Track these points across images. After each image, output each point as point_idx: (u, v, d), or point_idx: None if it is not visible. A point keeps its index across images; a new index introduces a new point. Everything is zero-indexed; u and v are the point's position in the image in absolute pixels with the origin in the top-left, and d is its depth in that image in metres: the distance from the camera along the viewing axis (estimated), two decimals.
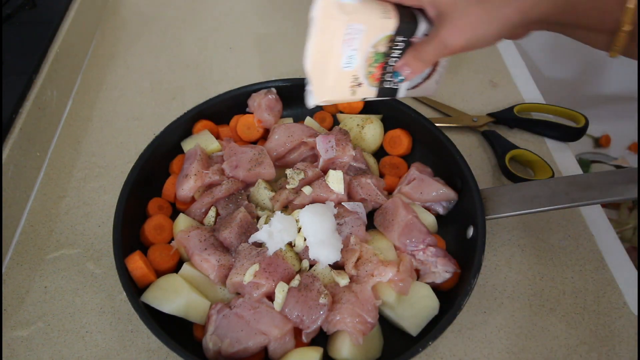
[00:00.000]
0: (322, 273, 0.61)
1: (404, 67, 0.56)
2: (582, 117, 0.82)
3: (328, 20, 0.51)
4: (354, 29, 0.52)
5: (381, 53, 0.55)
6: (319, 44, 0.53)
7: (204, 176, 0.68)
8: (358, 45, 0.53)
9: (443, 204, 0.69)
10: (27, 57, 0.82)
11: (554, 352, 0.61)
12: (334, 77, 0.56)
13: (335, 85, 0.57)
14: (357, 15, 0.51)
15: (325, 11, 0.51)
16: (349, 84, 0.57)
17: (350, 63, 0.55)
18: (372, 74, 0.57)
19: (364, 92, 0.59)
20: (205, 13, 1.10)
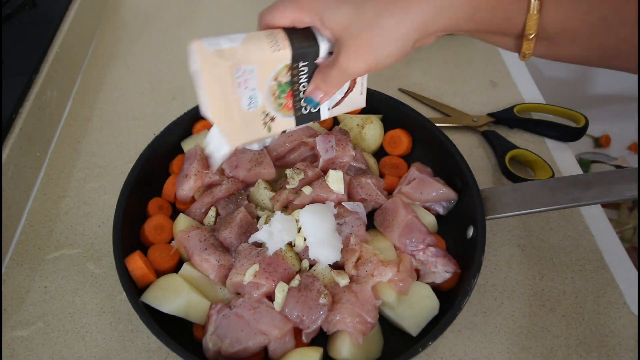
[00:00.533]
0: (322, 273, 0.61)
1: (314, 92, 0.52)
2: (582, 117, 0.82)
3: (211, 69, 0.46)
4: (243, 71, 0.47)
5: (286, 82, 0.51)
6: (212, 94, 0.48)
7: (204, 176, 0.68)
8: (255, 84, 0.49)
9: (443, 204, 0.69)
10: (27, 57, 0.82)
11: (554, 352, 0.61)
12: (240, 121, 0.51)
13: (245, 128, 0.52)
14: (242, 57, 0.47)
15: (205, 61, 0.46)
16: (261, 121, 0.52)
17: (253, 102, 0.50)
18: (283, 104, 0.53)
19: (281, 124, 0.54)
20: (205, 13, 1.10)
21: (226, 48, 0.46)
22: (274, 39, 0.48)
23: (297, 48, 0.49)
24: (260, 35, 0.48)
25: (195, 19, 1.09)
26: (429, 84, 0.93)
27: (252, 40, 0.48)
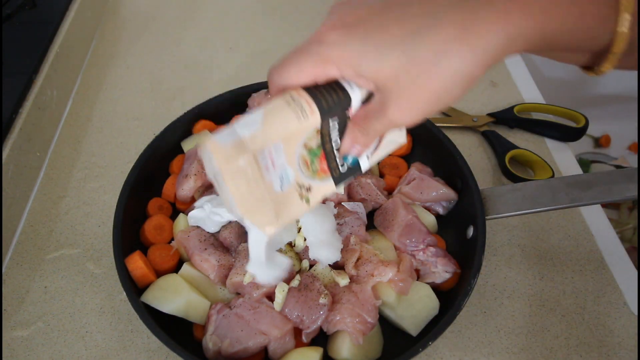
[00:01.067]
0: (322, 273, 0.61)
1: (353, 147, 0.45)
2: (582, 117, 0.82)
3: (232, 165, 0.40)
4: (268, 152, 0.41)
5: (317, 146, 0.44)
6: (238, 191, 0.41)
7: (204, 176, 0.68)
8: (284, 160, 0.42)
9: (443, 204, 0.69)
10: (27, 57, 0.82)
11: (554, 352, 0.61)
12: (274, 206, 0.43)
13: (281, 211, 0.44)
14: (265, 140, 0.40)
15: (224, 158, 0.39)
16: (297, 196, 0.45)
17: (285, 180, 0.43)
18: (318, 169, 0.45)
19: (319, 192, 0.46)
20: (205, 13, 1.10)
21: (246, 137, 0.40)
22: (297, 105, 0.41)
23: (327, 109, 0.41)
24: (280, 106, 0.41)
25: (195, 19, 1.09)
26: None
27: (272, 115, 0.41)
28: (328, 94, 0.41)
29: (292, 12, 1.10)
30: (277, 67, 0.41)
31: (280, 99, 0.41)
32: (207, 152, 0.40)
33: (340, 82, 0.41)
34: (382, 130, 0.43)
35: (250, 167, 0.40)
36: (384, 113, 0.40)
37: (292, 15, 1.09)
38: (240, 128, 0.40)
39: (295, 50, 0.41)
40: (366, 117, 0.42)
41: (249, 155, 0.40)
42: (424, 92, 0.38)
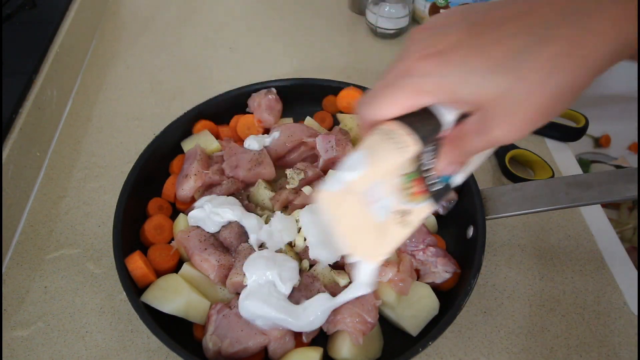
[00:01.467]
0: (322, 273, 0.61)
1: (449, 167, 0.45)
2: (582, 117, 0.82)
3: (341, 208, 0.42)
4: (371, 190, 0.42)
5: (412, 172, 0.45)
6: (346, 229, 0.44)
7: (204, 176, 0.68)
8: (384, 192, 0.44)
9: (443, 204, 0.69)
10: (27, 57, 0.82)
11: (554, 352, 0.61)
12: (377, 235, 0.45)
13: (383, 239, 0.46)
14: (369, 179, 0.42)
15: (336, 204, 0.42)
16: (397, 223, 0.46)
17: (385, 210, 0.45)
18: (413, 193, 0.46)
19: (417, 214, 0.47)
20: (205, 13, 1.10)
21: (352, 181, 0.41)
22: (395, 139, 0.41)
23: (424, 138, 0.41)
24: (381, 143, 0.41)
25: (195, 19, 1.09)
26: None
27: (376, 154, 0.41)
28: (421, 122, 0.41)
29: (292, 12, 1.10)
30: (368, 103, 0.41)
31: (378, 136, 0.42)
32: (321, 204, 0.42)
33: (429, 108, 0.41)
34: (483, 148, 0.42)
35: (356, 206, 0.42)
36: (487, 132, 0.39)
37: (292, 15, 1.09)
38: (348, 173, 0.42)
39: (384, 85, 0.41)
40: (464, 137, 0.41)
41: (355, 198, 0.42)
42: (531, 110, 0.37)
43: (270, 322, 0.55)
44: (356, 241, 0.45)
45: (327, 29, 1.05)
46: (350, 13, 1.10)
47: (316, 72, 0.95)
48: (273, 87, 0.79)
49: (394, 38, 1.03)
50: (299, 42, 1.02)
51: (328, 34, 1.04)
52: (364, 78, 0.94)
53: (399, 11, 0.98)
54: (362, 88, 0.78)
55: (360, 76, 0.95)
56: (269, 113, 0.76)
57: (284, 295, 0.57)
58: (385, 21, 0.99)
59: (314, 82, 0.80)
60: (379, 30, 1.01)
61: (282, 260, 0.58)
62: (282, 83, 0.79)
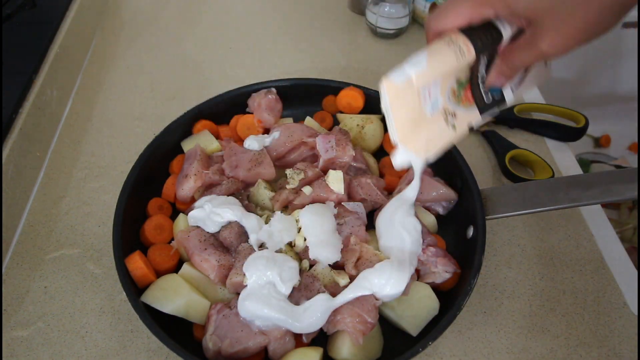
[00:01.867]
0: (322, 273, 0.61)
1: (498, 79, 0.50)
2: (582, 117, 0.82)
3: (400, 99, 0.48)
4: (428, 87, 0.49)
5: (465, 79, 0.51)
6: (400, 120, 0.50)
7: (204, 176, 0.68)
8: (438, 92, 0.50)
9: (443, 204, 0.69)
10: (27, 57, 0.82)
11: (554, 352, 0.61)
12: (426, 131, 0.52)
13: (431, 135, 0.53)
14: (429, 77, 0.48)
15: (395, 94, 0.48)
16: (443, 122, 0.52)
17: (435, 107, 0.51)
18: (463, 98, 0.52)
19: (464, 119, 0.53)
20: (205, 13, 1.10)
21: (414, 75, 0.47)
22: (455, 46, 0.47)
23: (481, 47, 0.47)
24: (441, 47, 0.47)
25: (195, 19, 1.09)
26: None
27: (436, 56, 0.47)
28: (482, 34, 0.47)
29: (292, 12, 1.10)
30: (434, 16, 0.48)
31: (440, 42, 0.47)
32: (383, 88, 0.48)
33: (492, 21, 0.47)
34: (529, 62, 0.47)
35: (413, 99, 0.49)
36: (535, 45, 0.44)
37: (292, 15, 1.09)
38: (409, 68, 0.47)
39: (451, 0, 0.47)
40: (514, 50, 0.46)
41: (414, 90, 0.48)
42: (579, 23, 0.41)
43: (270, 322, 0.55)
44: (407, 133, 0.51)
45: (327, 29, 1.05)
46: (350, 13, 1.10)
47: (316, 72, 0.95)
48: (273, 87, 0.79)
49: (394, 38, 1.03)
50: (299, 42, 1.02)
51: (328, 34, 1.04)
52: (364, 78, 0.94)
53: (399, 11, 0.98)
54: (362, 88, 0.78)
55: (360, 76, 0.95)
56: (269, 113, 0.76)
57: (284, 295, 0.57)
58: (385, 21, 0.99)
59: (314, 82, 0.80)
60: (379, 30, 1.01)
61: (282, 260, 0.58)
62: (282, 83, 0.79)
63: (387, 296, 0.57)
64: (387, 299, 0.58)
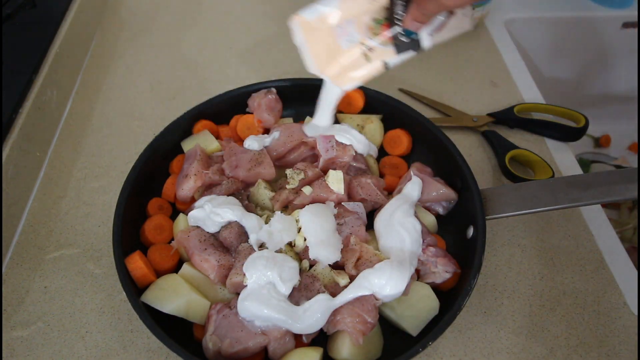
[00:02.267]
0: (322, 273, 0.61)
1: (412, 23, 0.54)
2: (582, 117, 0.82)
3: (314, 34, 0.52)
4: (342, 25, 0.52)
5: (382, 18, 0.54)
6: (316, 53, 0.54)
7: (204, 176, 0.68)
8: (354, 29, 0.54)
9: (443, 204, 0.69)
10: (27, 57, 0.82)
11: (554, 352, 0.61)
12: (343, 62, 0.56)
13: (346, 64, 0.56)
14: (341, 16, 0.52)
15: (308, 30, 0.52)
16: (359, 53, 0.56)
17: (352, 40, 0.54)
18: (380, 34, 0.56)
19: (380, 54, 0.57)
20: (206, 13, 1.10)
21: (326, 13, 0.51)
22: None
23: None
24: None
25: (195, 19, 1.09)
26: (429, 84, 0.93)
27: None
28: None
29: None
30: None
31: None
32: (294, 26, 0.52)
33: None
34: (435, 11, 0.51)
35: (327, 36, 0.52)
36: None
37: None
38: (321, 6, 0.51)
39: None
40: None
41: (327, 27, 0.52)
42: None
43: (270, 322, 0.55)
44: (325, 63, 0.55)
45: None
46: None
47: None
48: (273, 87, 0.79)
49: None
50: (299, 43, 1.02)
51: None
52: None
53: None
54: (362, 88, 0.78)
55: None
56: (269, 113, 0.76)
57: (284, 295, 0.57)
58: None
59: (314, 82, 0.80)
60: None
61: (282, 260, 0.58)
62: (282, 83, 0.79)
63: (387, 296, 0.57)
64: (387, 299, 0.58)
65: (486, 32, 1.05)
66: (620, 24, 1.18)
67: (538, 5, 1.15)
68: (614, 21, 1.18)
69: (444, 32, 0.58)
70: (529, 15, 1.13)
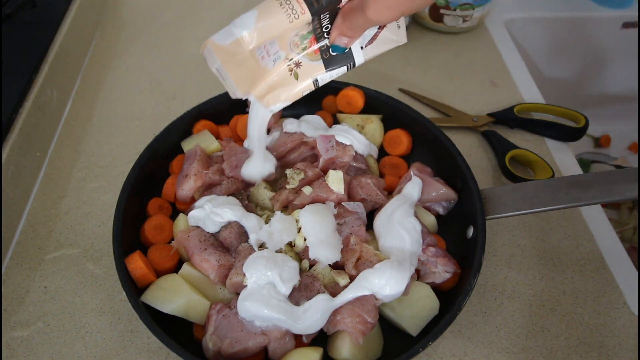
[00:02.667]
0: (322, 273, 0.61)
1: (339, 38, 0.49)
2: (582, 117, 0.82)
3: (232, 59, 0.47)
4: (264, 47, 0.47)
5: (307, 32, 0.49)
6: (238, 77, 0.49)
7: (204, 176, 0.68)
8: (277, 48, 0.49)
9: (443, 204, 0.69)
10: (27, 57, 0.82)
11: (554, 352, 0.61)
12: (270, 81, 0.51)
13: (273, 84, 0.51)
14: (260, 38, 0.46)
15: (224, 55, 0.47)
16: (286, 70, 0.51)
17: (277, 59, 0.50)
18: (307, 48, 0.50)
19: (309, 70, 0.51)
20: (206, 13, 1.10)
21: (242, 36, 0.45)
22: (288, 6, 0.45)
23: (317, 8, 0.46)
24: (272, 7, 0.46)
25: (195, 19, 1.09)
26: (429, 84, 0.93)
27: (265, 17, 0.46)
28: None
29: None
30: None
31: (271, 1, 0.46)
32: (208, 51, 0.46)
33: None
34: (363, 26, 0.47)
35: (248, 59, 0.47)
36: (363, 12, 0.45)
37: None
38: (235, 28, 0.46)
39: None
40: (351, 11, 0.47)
41: (246, 51, 0.46)
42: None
43: (270, 323, 0.55)
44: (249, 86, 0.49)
45: None
46: None
47: None
48: None
49: None
50: None
51: None
52: (364, 78, 0.94)
53: None
54: (361, 88, 0.78)
55: (359, 76, 0.95)
56: None
57: (284, 295, 0.57)
58: None
59: None
60: None
61: (282, 260, 0.58)
62: None
63: (387, 296, 0.57)
64: (387, 299, 0.58)
65: (486, 32, 1.05)
66: (620, 24, 1.18)
67: (538, 5, 1.15)
68: (614, 21, 1.18)
69: (377, 46, 0.53)
70: (528, 15, 1.13)
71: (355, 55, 0.52)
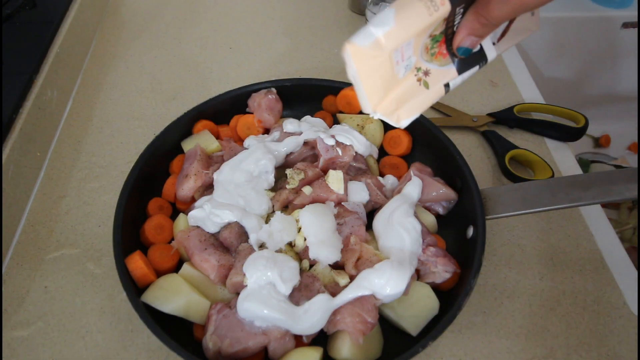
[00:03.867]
0: (322, 273, 0.61)
1: (468, 38, 0.45)
2: (582, 117, 0.82)
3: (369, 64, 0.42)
4: (401, 49, 0.43)
5: (439, 33, 0.45)
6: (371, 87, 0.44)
7: (204, 176, 0.68)
8: (411, 52, 0.44)
9: (443, 204, 0.69)
10: (27, 57, 0.82)
11: (554, 352, 0.61)
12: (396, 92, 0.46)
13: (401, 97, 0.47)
14: (400, 37, 0.42)
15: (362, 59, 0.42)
16: (414, 80, 0.47)
17: (408, 68, 0.45)
18: (436, 53, 0.46)
19: (439, 77, 0.48)
20: (205, 13, 1.10)
21: (381, 35, 0.41)
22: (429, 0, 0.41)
23: None
24: (410, 1, 0.41)
25: (195, 19, 1.09)
26: None
27: (405, 12, 0.41)
28: None
29: (292, 12, 1.10)
30: None
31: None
32: (347, 56, 0.42)
33: None
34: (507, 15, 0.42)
35: (384, 63, 0.42)
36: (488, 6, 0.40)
37: (292, 15, 1.09)
38: (374, 28, 0.41)
39: None
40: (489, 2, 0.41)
41: (385, 53, 0.42)
42: None
43: (270, 323, 0.55)
44: (377, 98, 0.45)
45: (327, 29, 1.05)
46: (350, 13, 1.10)
47: (316, 72, 0.95)
48: (273, 87, 0.79)
49: None
50: (299, 42, 1.02)
51: (328, 34, 1.04)
52: None
53: None
54: None
55: None
56: (269, 113, 0.76)
57: (284, 296, 0.57)
58: None
59: (314, 82, 0.80)
60: None
61: (282, 260, 0.58)
62: (282, 83, 0.79)
63: (387, 296, 0.57)
64: (387, 299, 0.58)
65: None
66: (620, 24, 1.18)
67: None
68: (614, 21, 1.18)
69: (510, 38, 0.48)
70: None
71: (488, 52, 0.48)
